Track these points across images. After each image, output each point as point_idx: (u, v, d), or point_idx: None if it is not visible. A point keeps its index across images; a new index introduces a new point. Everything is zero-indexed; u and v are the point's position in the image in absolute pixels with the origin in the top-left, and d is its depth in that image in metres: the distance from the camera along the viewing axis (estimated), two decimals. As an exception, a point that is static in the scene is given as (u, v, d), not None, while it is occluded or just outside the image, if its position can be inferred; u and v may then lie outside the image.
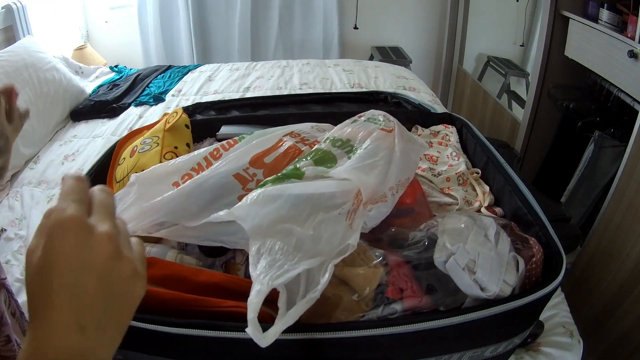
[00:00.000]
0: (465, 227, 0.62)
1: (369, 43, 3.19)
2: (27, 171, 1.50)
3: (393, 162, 0.70)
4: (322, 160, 0.69)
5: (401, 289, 0.57)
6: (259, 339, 0.44)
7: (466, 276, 0.56)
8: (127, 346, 0.55)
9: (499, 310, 0.55)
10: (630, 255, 1.35)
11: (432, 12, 3.15)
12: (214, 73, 2.22)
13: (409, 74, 2.21)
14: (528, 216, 0.74)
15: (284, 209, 0.57)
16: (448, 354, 0.58)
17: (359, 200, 0.62)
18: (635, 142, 1.38)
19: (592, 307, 1.51)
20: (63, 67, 1.97)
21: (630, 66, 1.48)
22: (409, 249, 0.62)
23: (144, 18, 2.98)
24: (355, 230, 0.58)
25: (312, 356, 0.54)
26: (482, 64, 3.05)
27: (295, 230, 0.55)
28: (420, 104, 1.44)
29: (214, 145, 0.82)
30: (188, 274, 0.62)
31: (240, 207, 0.57)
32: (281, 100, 1.60)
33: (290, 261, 0.51)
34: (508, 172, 0.88)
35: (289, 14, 3.06)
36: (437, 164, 1.05)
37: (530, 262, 0.62)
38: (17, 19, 2.04)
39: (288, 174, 0.64)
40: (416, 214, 0.77)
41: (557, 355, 0.76)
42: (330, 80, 2.08)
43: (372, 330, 0.52)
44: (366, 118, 0.81)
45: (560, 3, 1.88)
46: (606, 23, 1.66)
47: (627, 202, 1.40)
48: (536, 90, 2.04)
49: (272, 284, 0.48)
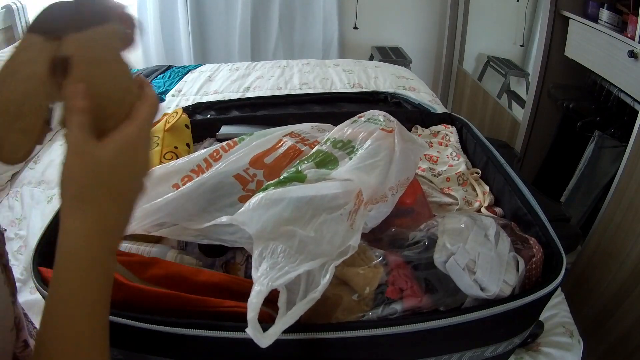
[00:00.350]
0: (465, 227, 0.62)
1: (369, 43, 3.19)
2: (27, 171, 1.50)
3: (393, 162, 0.70)
4: (324, 163, 0.69)
5: (401, 289, 0.57)
6: (259, 339, 0.44)
7: (466, 276, 0.56)
8: (127, 346, 0.56)
9: (499, 310, 0.55)
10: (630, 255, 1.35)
11: (432, 12, 3.15)
12: (214, 73, 2.22)
13: (409, 74, 2.21)
14: (528, 216, 0.74)
15: (287, 212, 0.57)
16: (448, 354, 0.58)
17: (360, 201, 0.62)
18: (635, 142, 1.38)
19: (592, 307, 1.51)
20: (63, 67, 1.97)
21: (630, 66, 1.48)
22: (409, 249, 0.62)
23: (144, 18, 2.98)
24: (356, 231, 0.58)
25: (312, 356, 0.54)
26: (482, 64, 3.05)
27: (297, 233, 0.55)
28: (420, 104, 1.44)
29: (213, 147, 0.82)
30: (188, 274, 0.62)
31: (243, 213, 0.57)
32: (281, 100, 1.60)
33: (291, 263, 0.51)
34: (508, 172, 0.88)
35: (289, 14, 3.06)
36: (437, 164, 1.06)
37: (530, 262, 0.62)
38: (17, 19, 2.04)
39: (290, 177, 0.64)
40: (416, 214, 0.77)
41: (557, 355, 0.76)
42: (330, 80, 2.08)
43: (372, 330, 0.52)
44: (366, 118, 0.81)
45: (560, 3, 1.88)
46: (606, 23, 1.66)
47: (627, 202, 1.40)
48: (536, 90, 2.05)
49: (272, 284, 0.48)
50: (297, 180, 0.63)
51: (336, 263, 0.53)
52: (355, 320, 0.55)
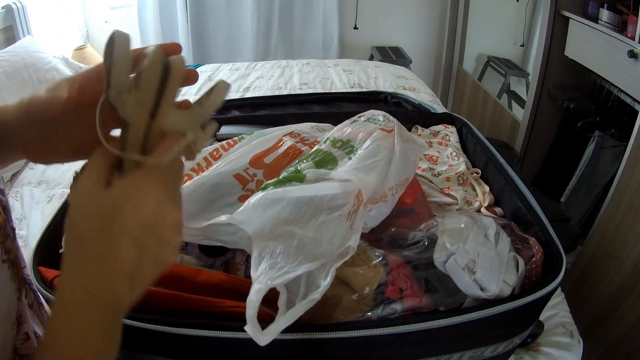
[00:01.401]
0: (465, 227, 0.62)
1: (369, 43, 3.19)
2: (27, 171, 1.50)
3: (393, 162, 0.70)
4: (323, 162, 0.69)
5: (401, 289, 0.57)
6: (258, 337, 0.44)
7: (466, 276, 0.56)
8: (127, 346, 0.55)
9: (499, 310, 0.55)
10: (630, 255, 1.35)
11: (432, 12, 3.15)
12: (214, 73, 2.22)
13: (409, 74, 2.21)
14: (528, 216, 0.74)
15: (286, 212, 0.57)
16: (448, 354, 0.58)
17: (359, 201, 0.62)
18: (635, 142, 1.38)
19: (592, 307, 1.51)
20: (63, 67, 1.97)
21: (630, 66, 1.48)
22: (409, 249, 0.62)
23: (144, 18, 2.98)
24: (356, 231, 0.58)
25: (312, 356, 0.54)
26: (482, 64, 3.05)
27: (296, 233, 0.55)
28: (420, 104, 1.44)
29: (213, 146, 0.82)
30: (188, 274, 0.62)
31: (242, 212, 0.57)
32: (281, 100, 1.60)
33: (291, 264, 0.51)
34: (508, 172, 0.88)
35: (289, 14, 3.06)
36: (437, 164, 1.05)
37: (530, 262, 0.62)
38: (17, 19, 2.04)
39: (289, 177, 0.64)
40: (416, 214, 0.77)
41: (557, 355, 0.76)
42: (330, 80, 2.08)
43: (372, 330, 0.52)
44: (366, 118, 0.81)
45: (560, 3, 1.88)
46: (606, 23, 1.66)
47: (627, 202, 1.40)
48: (536, 90, 2.05)
49: (271, 283, 0.48)
50: (296, 180, 0.63)
51: (337, 265, 0.53)
52: (355, 320, 0.55)
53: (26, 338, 0.38)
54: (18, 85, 1.64)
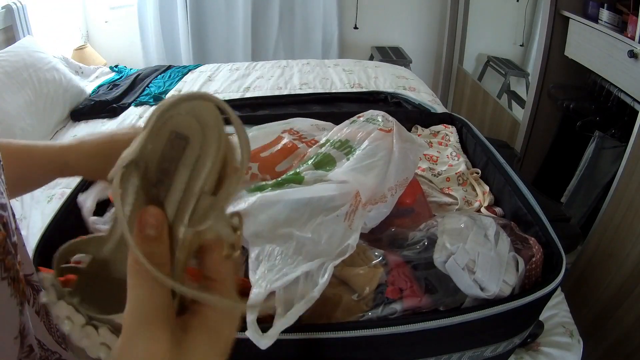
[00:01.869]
0: (465, 227, 0.62)
1: (369, 43, 3.19)
2: (27, 171, 1.50)
3: (392, 163, 0.70)
4: (322, 164, 0.69)
5: (401, 289, 0.57)
6: (259, 341, 0.44)
7: (466, 276, 0.56)
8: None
9: (499, 310, 0.55)
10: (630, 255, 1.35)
11: (432, 12, 3.15)
12: (214, 73, 2.22)
13: (409, 74, 2.21)
14: (528, 216, 0.74)
15: (283, 214, 0.57)
16: (448, 354, 0.58)
17: (357, 202, 0.62)
18: (635, 142, 1.38)
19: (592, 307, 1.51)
20: (63, 67, 1.97)
21: (630, 66, 1.48)
22: (409, 249, 0.62)
23: (144, 18, 2.98)
24: (355, 231, 0.58)
25: (312, 356, 0.54)
26: (482, 64, 3.05)
27: (294, 234, 0.55)
28: (420, 104, 1.44)
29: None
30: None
31: None
32: (281, 100, 1.60)
33: (289, 265, 0.51)
34: (508, 172, 0.88)
35: (289, 14, 3.06)
36: (437, 164, 1.05)
37: (530, 262, 0.62)
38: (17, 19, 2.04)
39: (288, 179, 0.64)
40: (416, 214, 0.77)
41: (557, 355, 0.76)
42: (330, 80, 2.08)
43: (372, 330, 0.52)
44: (365, 118, 0.81)
45: (560, 3, 1.88)
46: (606, 23, 1.66)
47: (627, 202, 1.40)
48: (536, 90, 2.05)
49: (271, 287, 0.48)
50: (295, 182, 0.63)
51: (335, 263, 0.53)
52: (355, 320, 0.55)
53: (30, 351, 0.38)
54: (18, 85, 1.64)
